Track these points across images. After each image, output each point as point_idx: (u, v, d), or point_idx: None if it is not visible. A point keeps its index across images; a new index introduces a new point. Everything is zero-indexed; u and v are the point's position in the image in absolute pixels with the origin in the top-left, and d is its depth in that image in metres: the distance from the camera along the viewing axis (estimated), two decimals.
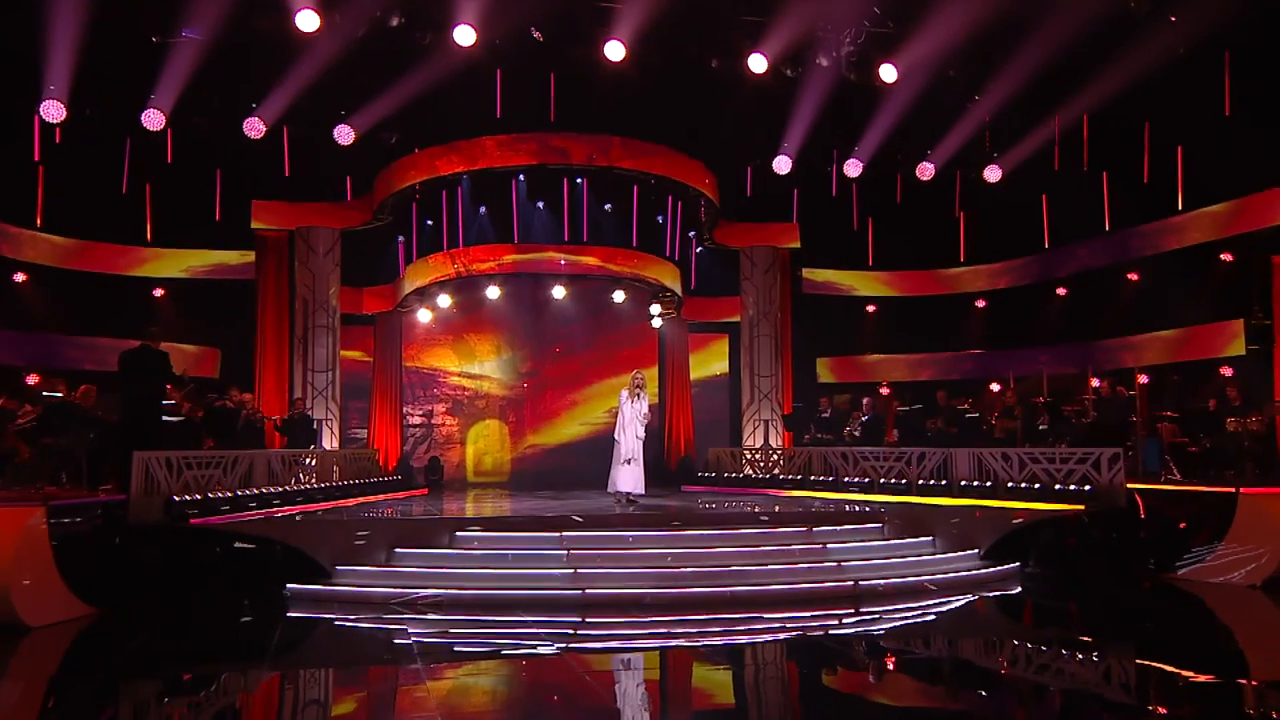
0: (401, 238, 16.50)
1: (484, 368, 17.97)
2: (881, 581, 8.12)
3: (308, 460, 12.06)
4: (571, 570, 7.90)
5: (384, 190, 15.42)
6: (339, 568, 8.11)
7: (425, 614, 7.36)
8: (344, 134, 14.42)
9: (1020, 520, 9.44)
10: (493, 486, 16.77)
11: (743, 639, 6.87)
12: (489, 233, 15.96)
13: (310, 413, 14.92)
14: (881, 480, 12.13)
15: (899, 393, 17.81)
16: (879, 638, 6.96)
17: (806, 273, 18.39)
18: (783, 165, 16.15)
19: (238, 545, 8.05)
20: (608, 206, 16.35)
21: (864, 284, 18.80)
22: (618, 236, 16.17)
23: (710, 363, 18.82)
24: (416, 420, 17.68)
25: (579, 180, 15.61)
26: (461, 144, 14.86)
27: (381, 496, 12.99)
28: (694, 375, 18.45)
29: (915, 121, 15.41)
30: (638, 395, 11.08)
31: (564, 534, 8.56)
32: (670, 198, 16.24)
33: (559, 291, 16.17)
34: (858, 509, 10.06)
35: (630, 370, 11.53)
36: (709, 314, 18.18)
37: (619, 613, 7.35)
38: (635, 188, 15.75)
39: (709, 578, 7.88)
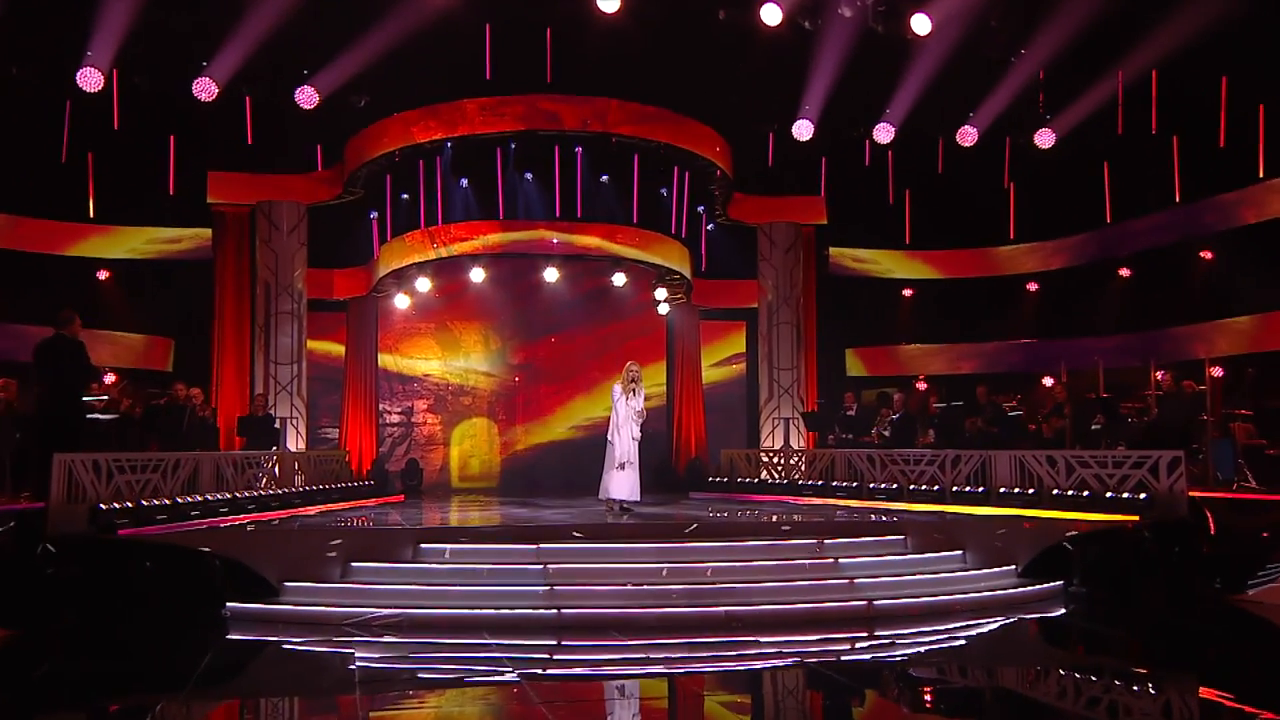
0: (375, 214, 16.45)
1: (470, 360, 17.93)
2: (900, 601, 8.03)
3: (266, 464, 12.02)
4: (548, 587, 7.86)
5: (355, 160, 15.37)
6: (287, 584, 8.06)
7: (382, 636, 7.29)
8: (307, 96, 14.35)
9: (1067, 532, 9.32)
10: (480, 492, 16.75)
11: (735, 665, 6.76)
12: (472, 208, 15.89)
13: (273, 410, 14.90)
14: (911, 487, 12.06)
15: (938, 388, 17.76)
16: (894, 666, 6.82)
17: (834, 252, 18.32)
18: (804, 131, 16.00)
19: (172, 559, 7.96)
20: (604, 178, 16.25)
21: (900, 265, 18.70)
22: (617, 212, 16.07)
23: (725, 354, 18.75)
24: (394, 418, 17.67)
25: (574, 149, 15.49)
26: (440, 108, 14.78)
27: (350, 504, 12.95)
28: (706, 368, 18.40)
29: (953, 80, 15.21)
30: (633, 390, 11.02)
31: (541, 546, 8.51)
32: (676, 168, 16.14)
33: (551, 274, 16.07)
34: (882, 519, 9.99)
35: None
36: (723, 299, 18.10)
37: (598, 635, 7.29)
38: (636, 157, 15.65)
39: (701, 596, 7.82)
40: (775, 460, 15.04)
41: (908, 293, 18.72)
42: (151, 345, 15.67)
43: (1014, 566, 9.07)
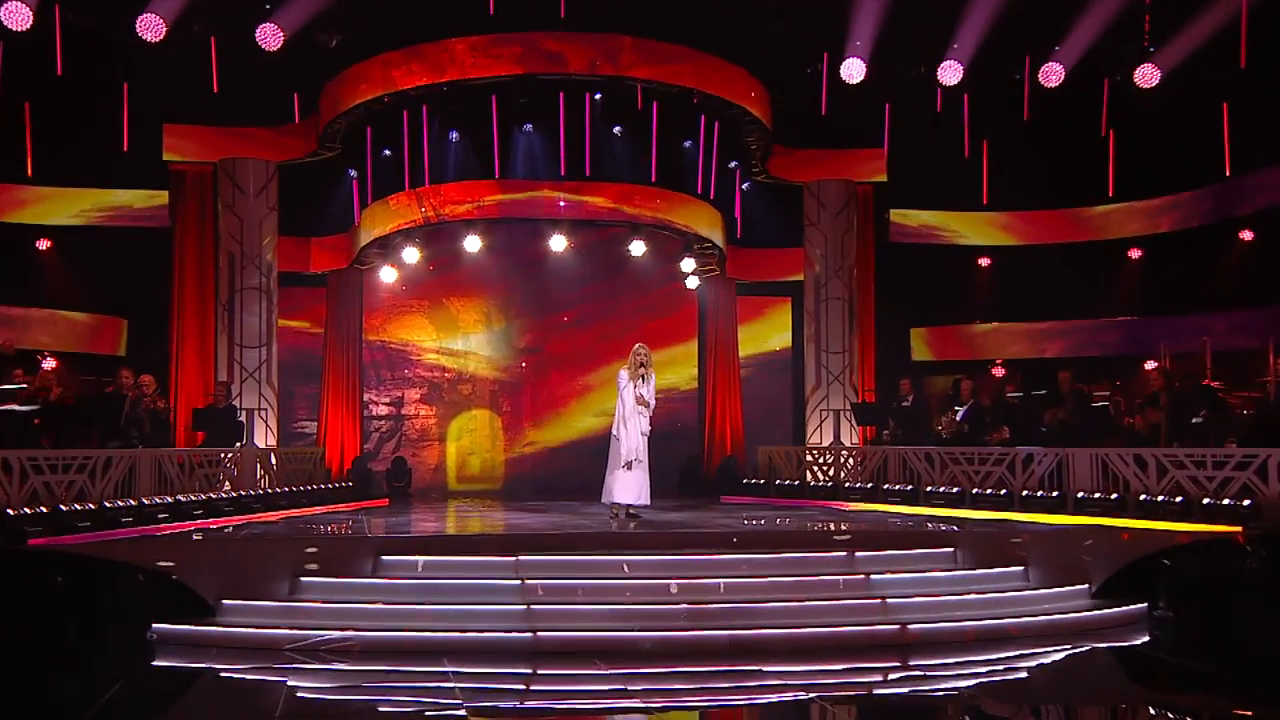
0: (354, 172, 16.48)
1: (469, 342, 17.96)
2: (943, 625, 7.98)
3: (224, 462, 12.08)
4: (524, 606, 7.88)
5: (330, 110, 15.37)
6: (225, 602, 8.09)
7: (330, 663, 7.31)
8: (269, 35, 14.36)
9: (1155, 545, 9.18)
10: (480, 496, 16.75)
11: (735, 699, 6.72)
12: (465, 166, 15.86)
13: (237, 402, 15.00)
14: (975, 491, 12.02)
15: (1017, 374, 17.34)
16: (929, 703, 6.72)
17: (896, 215, 18.13)
18: (853, 71, 15.73)
19: (90, 573, 8.00)
20: (618, 131, 16.15)
21: (974, 229, 18.47)
22: (635, 170, 15.96)
23: (766, 335, 18.70)
24: (382, 410, 17.75)
25: (582, 96, 15.38)
26: (425, 48, 14.71)
27: (321, 509, 13.02)
28: (744, 352, 18.34)
29: (1033, 7, 14.85)
30: (641, 376, 10.96)
31: (520, 558, 8.52)
32: (703, 118, 15.96)
33: (558, 242, 15.99)
34: (928, 528, 9.98)
35: (658, 345, 11.41)
36: (763, 271, 17.99)
37: (579, 663, 7.28)
38: (655, 105, 15.48)
39: (703, 617, 7.81)
40: (821, 459, 14.95)
41: (984, 262, 18.48)
42: (100, 326, 15.80)
43: (1086, 585, 8.95)
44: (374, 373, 17.74)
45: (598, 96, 15.54)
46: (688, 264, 16.89)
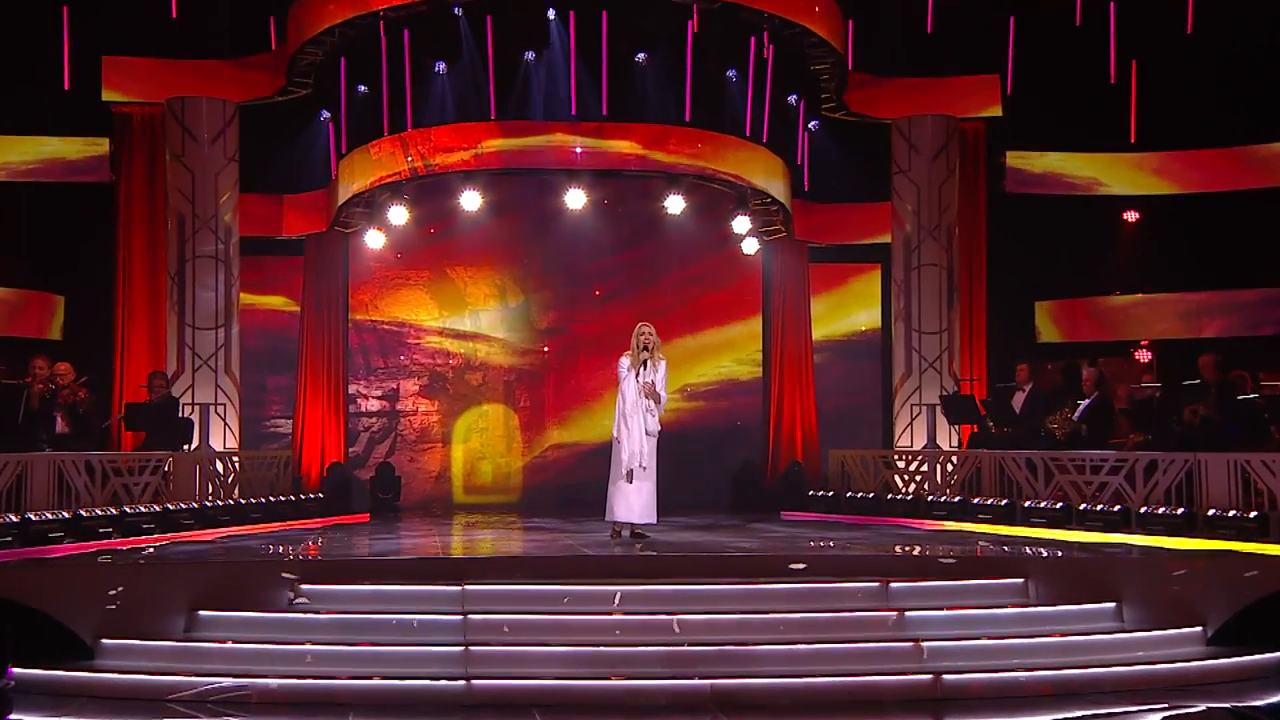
0: (327, 114, 16.58)
1: (479, 321, 18.03)
2: (997, 676, 7.79)
3: (156, 469, 12.16)
4: (462, 648, 7.82)
5: (297, 37, 15.44)
6: (106, 642, 8.10)
7: (222, 716, 7.28)
8: None
9: None
10: (494, 510, 16.83)
11: None
12: (460, 106, 15.97)
13: (189, 395, 15.13)
14: (1083, 507, 11.88)
15: (1169, 358, 17.27)
16: None
17: (1014, 158, 17.89)
18: None
19: None
20: (641, 57, 16.08)
21: (1119, 175, 18.23)
22: (667, 106, 15.93)
23: (848, 310, 18.67)
24: (372, 405, 17.86)
25: (600, 15, 15.45)
26: None
27: (277, 526, 13.14)
28: (819, 333, 18.30)
29: None
30: (644, 363, 10.83)
31: (466, 588, 8.47)
32: (753, 39, 15.84)
33: (575, 198, 15.95)
34: (1012, 552, 9.88)
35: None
36: (840, 231, 17.99)
37: (521, 717, 7.21)
38: (690, 23, 15.38)
39: (681, 662, 7.73)
40: (903, 466, 14.91)
41: (1131, 216, 18.28)
42: (28, 304, 16.00)
43: (1200, 628, 8.70)
44: (362, 359, 17.85)
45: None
46: (741, 223, 16.77)
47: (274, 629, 8.18)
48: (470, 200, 15.89)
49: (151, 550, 10.27)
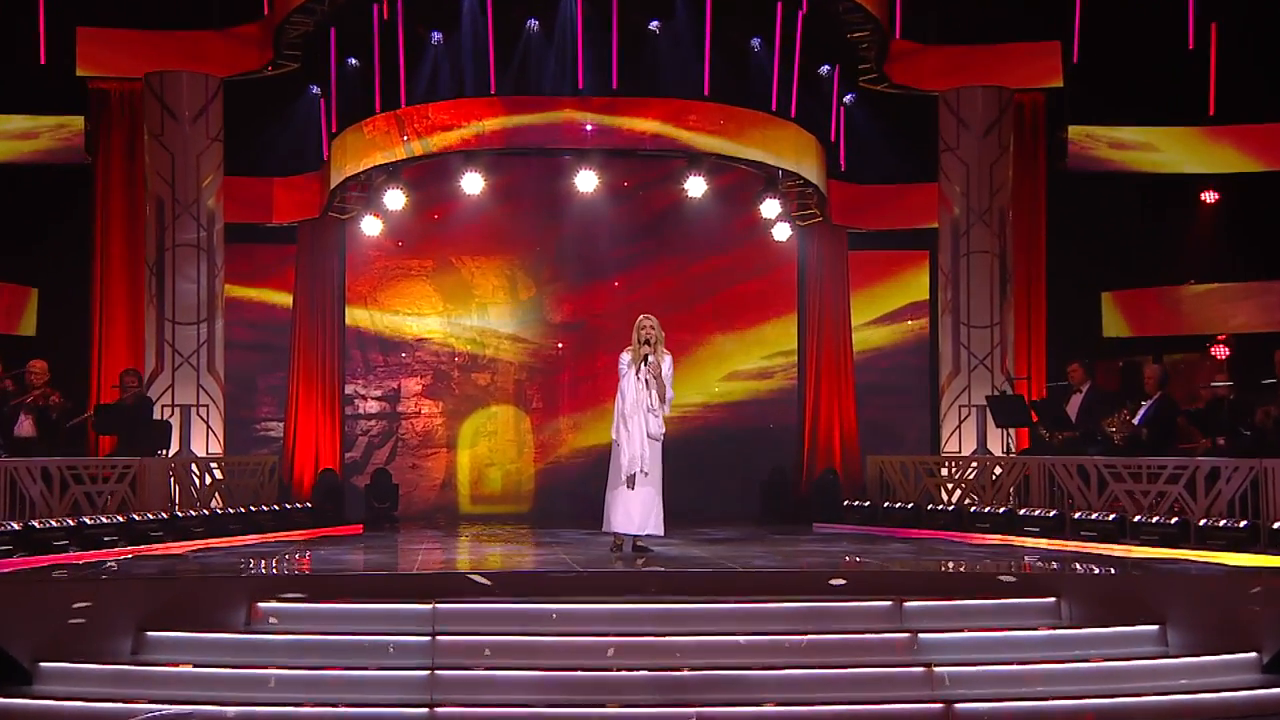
0: (317, 89, 16.62)
1: (488, 315, 18.05)
2: (1020, 705, 7.64)
3: (122, 476, 12.15)
4: (428, 673, 7.73)
5: (284, 6, 15.45)
6: (45, 665, 8.02)
7: None
8: None
9: None
10: (502, 520, 16.81)
11: None
12: (462, 80, 15.98)
13: (168, 396, 15.19)
14: (1137, 519, 11.78)
15: (1248, 354, 16.95)
16: None
17: (1076, 134, 17.72)
18: None
19: None
20: (655, 25, 16.05)
21: (1194, 152, 18.11)
22: (686, 79, 15.86)
23: (893, 303, 18.59)
24: (371, 407, 17.89)
25: None
26: None
27: (256, 538, 13.14)
28: (860, 327, 18.26)
29: None
30: (645, 359, 10.79)
31: (437, 607, 8.40)
32: (779, 4, 15.90)
33: (587, 180, 15.89)
34: (1041, 567, 9.81)
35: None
36: (883, 215, 17.90)
37: None
38: None
39: (666, 689, 7.64)
40: (946, 473, 14.91)
41: (1208, 197, 18.10)
42: None
43: (1254, 654, 8.48)
44: (360, 357, 17.86)
45: None
46: (771, 207, 16.70)
47: (223, 651, 8.10)
48: (472, 183, 15.88)
49: (113, 565, 10.27)
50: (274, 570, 10.11)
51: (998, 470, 14.14)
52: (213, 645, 8.20)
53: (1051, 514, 12.61)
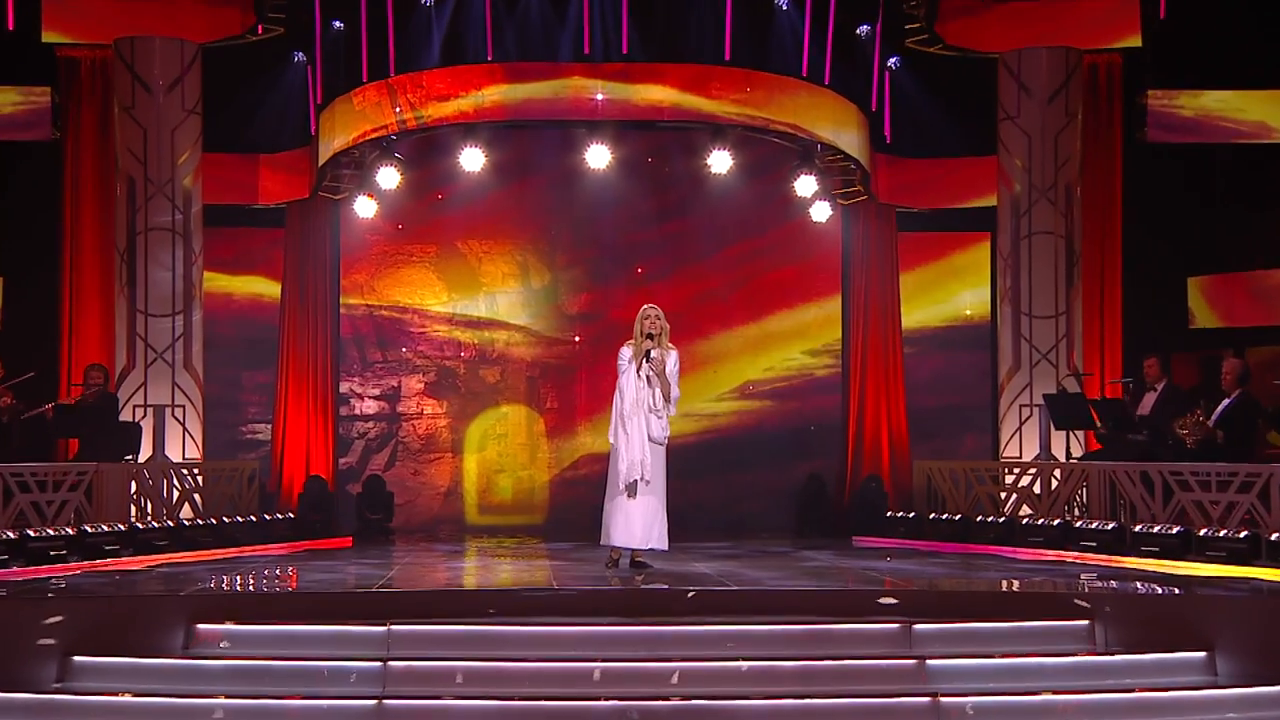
0: (302, 56, 16.69)
1: (496, 305, 18.07)
2: None
3: (77, 484, 12.22)
4: (375, 702, 7.74)
5: None
6: None
7: None
8: None
9: None
10: (513, 533, 16.91)
11: None
12: (459, 45, 16.00)
13: (128, 394, 15.28)
14: (1203, 533, 11.69)
15: None
16: None
17: (1156, 99, 17.60)
18: None
19: None
20: None
21: None
22: (703, 44, 15.90)
23: (948, 290, 18.54)
24: (368, 407, 17.94)
25: None
26: None
27: (232, 552, 13.24)
28: (913, 319, 18.20)
29: None
30: (647, 354, 10.82)
31: (392, 629, 8.46)
32: None
33: (598, 156, 15.92)
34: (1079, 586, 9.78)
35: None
36: (937, 194, 17.90)
37: None
38: None
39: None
40: (999, 481, 14.92)
41: None
42: None
43: None
44: (356, 352, 17.93)
45: None
46: (806, 184, 16.64)
47: (155, 677, 8.13)
48: (472, 159, 15.90)
49: (61, 583, 10.30)
50: (224, 587, 10.15)
51: (1056, 477, 14.08)
52: (140, 671, 8.20)
53: (1110, 527, 12.56)
